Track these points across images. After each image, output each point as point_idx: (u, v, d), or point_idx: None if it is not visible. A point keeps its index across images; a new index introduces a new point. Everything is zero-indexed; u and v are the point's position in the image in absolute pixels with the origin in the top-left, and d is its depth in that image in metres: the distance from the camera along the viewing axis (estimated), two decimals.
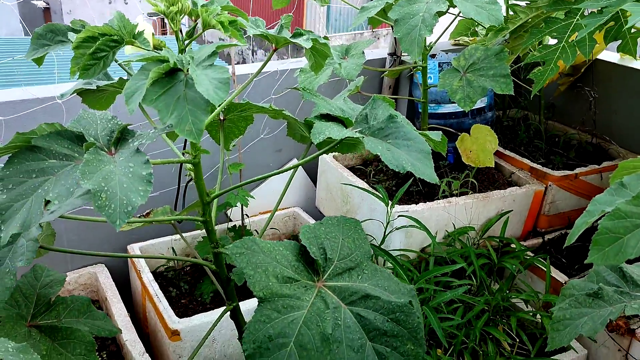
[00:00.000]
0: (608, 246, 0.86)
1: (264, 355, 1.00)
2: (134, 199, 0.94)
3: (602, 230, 0.87)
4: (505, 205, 2.29)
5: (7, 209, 0.94)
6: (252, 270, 1.05)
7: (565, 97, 2.81)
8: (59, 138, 1.01)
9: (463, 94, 1.95)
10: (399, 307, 1.10)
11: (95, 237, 2.25)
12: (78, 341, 1.18)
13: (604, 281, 1.14)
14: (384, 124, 1.30)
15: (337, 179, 2.38)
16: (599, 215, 0.94)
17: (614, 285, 1.11)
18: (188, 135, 1.00)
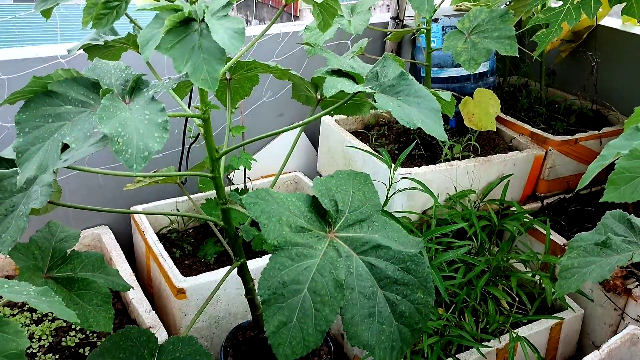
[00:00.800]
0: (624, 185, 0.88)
1: (279, 301, 1.02)
2: (150, 144, 0.94)
3: (619, 170, 0.89)
4: (506, 169, 2.31)
5: (24, 151, 0.94)
6: (266, 220, 1.07)
7: (567, 64, 2.81)
8: (75, 84, 1.01)
9: (467, 56, 1.96)
10: (409, 257, 1.12)
11: (99, 199, 2.26)
12: (94, 292, 1.20)
13: (612, 232, 1.16)
14: (395, 81, 1.30)
15: (339, 143, 2.39)
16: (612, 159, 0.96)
17: (622, 235, 1.14)
18: (203, 83, 1.00)
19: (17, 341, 0.85)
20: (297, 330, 1.02)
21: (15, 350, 0.85)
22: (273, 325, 1.01)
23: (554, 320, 1.94)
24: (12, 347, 0.86)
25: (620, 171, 0.90)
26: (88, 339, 1.78)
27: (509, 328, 1.87)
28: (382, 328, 1.07)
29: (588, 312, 2.05)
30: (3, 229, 1.05)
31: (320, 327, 1.02)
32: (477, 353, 1.78)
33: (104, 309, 1.19)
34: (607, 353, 1.68)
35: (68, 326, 1.83)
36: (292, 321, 1.02)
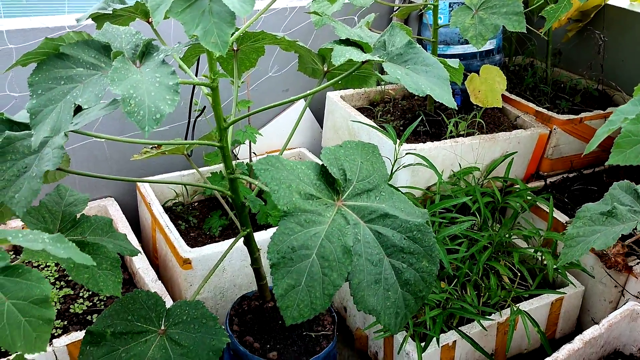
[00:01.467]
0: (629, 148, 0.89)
1: (288, 265, 1.04)
2: (162, 106, 0.95)
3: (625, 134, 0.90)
4: (510, 147, 2.32)
5: (38, 113, 0.95)
6: (276, 186, 1.08)
7: (573, 43, 2.80)
8: (86, 47, 1.02)
9: (475, 32, 1.95)
10: (416, 226, 1.14)
11: (105, 171, 2.27)
12: (104, 256, 1.21)
13: (618, 202, 1.17)
14: (403, 50, 1.31)
15: (344, 119, 2.40)
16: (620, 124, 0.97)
17: (628, 205, 1.15)
18: (214, 47, 1.01)
19: (40, 287, 0.88)
20: (305, 293, 1.04)
21: (40, 296, 0.88)
22: (282, 288, 1.03)
23: (555, 295, 1.96)
24: (37, 293, 0.88)
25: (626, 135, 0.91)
26: (95, 307, 1.81)
27: (510, 302, 1.89)
28: (388, 294, 1.09)
29: (588, 289, 2.07)
30: (16, 189, 1.06)
31: (327, 291, 1.04)
32: (479, 326, 1.80)
33: (113, 274, 1.21)
34: (607, 327, 1.71)
35: (76, 294, 1.85)
36: (301, 285, 1.04)
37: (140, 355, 1.22)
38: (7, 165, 1.08)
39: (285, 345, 1.61)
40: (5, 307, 0.91)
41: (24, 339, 0.91)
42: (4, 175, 1.07)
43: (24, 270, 0.91)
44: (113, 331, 1.22)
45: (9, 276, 0.90)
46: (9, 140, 1.10)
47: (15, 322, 0.91)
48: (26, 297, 0.90)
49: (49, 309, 0.92)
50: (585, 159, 2.53)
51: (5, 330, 0.92)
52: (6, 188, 1.06)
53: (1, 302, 0.91)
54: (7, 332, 0.92)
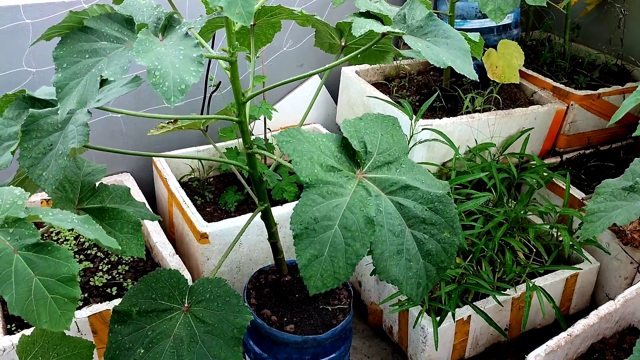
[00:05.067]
0: None
1: (311, 236, 1.05)
2: (186, 77, 0.96)
3: None
4: (527, 123, 2.30)
5: (64, 86, 0.96)
6: (298, 157, 1.08)
7: (592, 17, 2.75)
8: (109, 21, 1.02)
9: (494, 6, 1.92)
10: (437, 197, 1.14)
11: (121, 146, 2.28)
12: (125, 221, 1.23)
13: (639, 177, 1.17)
14: (423, 22, 1.30)
15: (359, 94, 2.39)
16: None
17: None
18: (238, 17, 1.01)
19: (68, 266, 0.89)
20: (328, 263, 1.05)
21: (67, 274, 0.89)
22: (305, 258, 1.04)
23: (570, 271, 1.97)
24: (65, 271, 0.89)
25: None
26: (114, 280, 1.84)
27: (526, 278, 1.90)
28: (410, 265, 1.10)
29: (604, 265, 2.07)
30: (44, 166, 1.07)
31: (350, 261, 1.05)
32: (494, 301, 1.82)
33: (135, 237, 1.23)
34: (622, 303, 1.71)
35: (95, 267, 1.88)
36: (324, 255, 1.05)
37: (166, 332, 1.24)
38: (33, 143, 1.09)
39: (302, 318, 1.63)
40: (33, 283, 0.93)
41: (49, 316, 0.93)
42: (30, 153, 1.08)
43: (53, 247, 0.92)
44: (139, 310, 1.25)
45: (39, 253, 0.92)
46: (33, 118, 1.11)
47: (42, 298, 0.93)
48: (54, 274, 0.92)
49: (74, 287, 0.93)
50: (602, 136, 2.51)
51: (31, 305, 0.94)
52: (34, 166, 1.08)
53: (29, 278, 0.93)
54: (34, 308, 0.94)
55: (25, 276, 0.93)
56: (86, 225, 0.91)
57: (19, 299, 0.93)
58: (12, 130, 1.21)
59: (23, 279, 0.93)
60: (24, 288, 0.93)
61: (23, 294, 0.93)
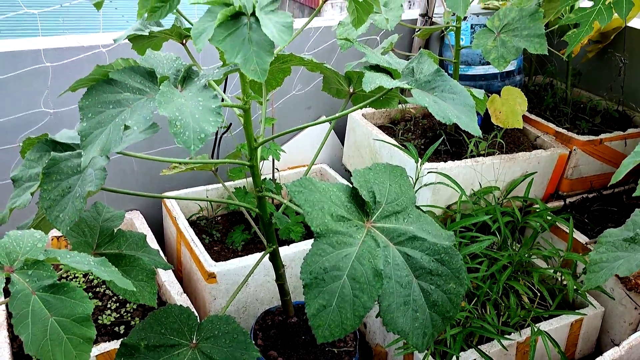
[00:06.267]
0: None
1: (320, 286, 1.07)
2: (206, 127, 1.00)
3: None
4: (530, 167, 2.34)
5: (88, 135, 1.01)
6: (309, 208, 1.12)
7: (593, 64, 2.82)
8: (133, 73, 1.07)
9: (497, 54, 1.99)
10: (444, 249, 1.17)
11: (130, 186, 2.33)
12: (140, 269, 1.26)
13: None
14: (431, 77, 1.35)
15: (365, 136, 2.44)
16: None
17: None
18: (253, 74, 1.06)
19: (83, 306, 0.92)
20: (336, 314, 1.07)
21: (82, 314, 0.92)
22: (314, 308, 1.07)
23: (574, 316, 1.98)
24: (80, 311, 0.92)
25: None
26: (122, 318, 1.85)
27: (530, 322, 1.91)
28: (416, 315, 1.12)
29: (608, 310, 2.08)
30: (61, 208, 1.11)
31: (358, 313, 1.07)
32: (499, 345, 1.82)
33: (149, 285, 1.26)
34: (627, 350, 1.71)
35: (104, 305, 1.90)
36: (332, 305, 1.07)
37: None
38: (53, 185, 1.13)
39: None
40: (49, 323, 0.95)
41: (64, 356, 0.96)
42: (49, 195, 1.12)
43: (69, 288, 0.95)
44: (147, 344, 1.26)
45: (56, 293, 0.95)
46: (54, 161, 1.15)
47: (58, 339, 0.96)
48: (69, 314, 0.95)
49: (89, 327, 0.96)
50: (605, 180, 2.55)
51: (47, 345, 0.96)
52: (51, 207, 1.11)
53: (46, 318, 0.95)
54: (49, 348, 0.96)
55: (42, 316, 0.96)
56: (102, 267, 0.94)
57: (34, 339, 0.96)
58: (33, 172, 1.25)
59: (40, 319, 0.96)
60: (40, 328, 0.96)
61: (39, 334, 0.96)
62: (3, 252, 0.96)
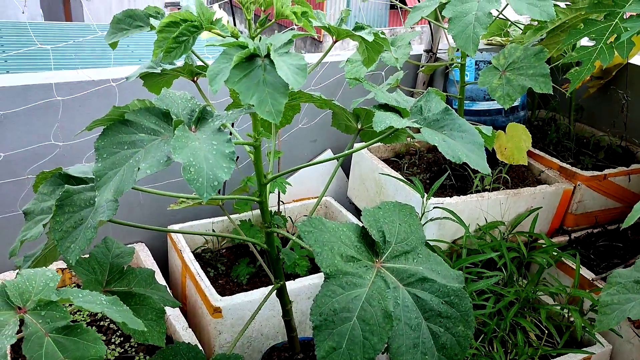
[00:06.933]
0: None
1: (330, 327, 1.07)
2: (219, 174, 1.01)
3: None
4: (535, 202, 2.35)
5: (102, 176, 1.02)
6: (319, 248, 1.12)
7: (594, 99, 2.86)
8: (148, 114, 1.08)
9: (503, 92, 2.01)
10: (453, 291, 1.17)
11: (136, 218, 2.33)
12: (149, 307, 1.26)
13: None
14: (440, 116, 1.36)
15: (371, 170, 2.45)
16: None
17: None
18: (268, 115, 1.07)
19: (96, 348, 0.92)
20: (346, 356, 1.07)
21: (94, 356, 0.92)
22: (323, 349, 1.06)
23: (582, 354, 1.96)
24: (92, 353, 0.92)
25: None
26: (127, 353, 1.84)
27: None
28: (425, 358, 1.12)
29: (616, 348, 2.06)
30: (72, 239, 1.11)
31: (368, 355, 1.07)
32: None
33: (157, 324, 1.25)
34: None
35: (107, 340, 1.88)
36: (342, 347, 1.07)
37: None
38: (65, 217, 1.14)
39: None
40: None
41: None
42: (62, 227, 1.13)
43: (82, 330, 0.95)
44: None
45: (68, 335, 0.95)
46: (67, 193, 1.16)
47: None
48: (82, 357, 0.94)
49: None
50: (610, 215, 2.55)
51: None
52: (64, 239, 1.12)
53: None
54: None
55: (55, 359, 0.95)
56: (114, 307, 0.94)
57: None
58: (46, 205, 1.26)
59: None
60: None
61: None
62: (17, 292, 0.96)
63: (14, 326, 0.93)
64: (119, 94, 2.02)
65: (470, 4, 1.64)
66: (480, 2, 1.63)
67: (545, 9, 1.59)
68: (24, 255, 1.40)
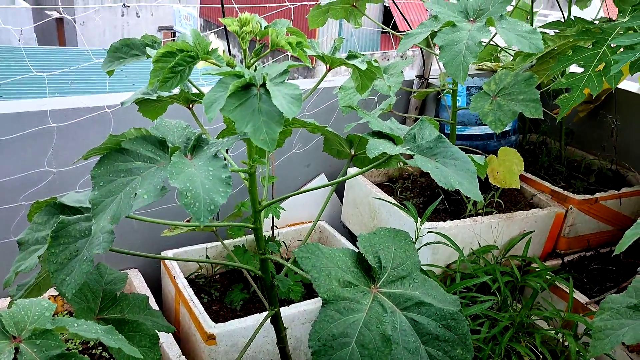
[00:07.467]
0: None
1: (329, 353, 1.07)
2: (216, 198, 1.02)
3: None
4: (528, 225, 2.36)
5: (99, 203, 1.02)
6: (317, 274, 1.13)
7: (584, 123, 2.90)
8: (144, 142, 1.09)
9: (494, 117, 2.04)
10: (450, 314, 1.17)
11: (129, 243, 2.32)
12: (143, 334, 1.25)
13: None
14: (433, 144, 1.38)
15: (364, 194, 2.46)
16: None
17: None
18: (263, 144, 1.08)
19: None
20: None
21: None
22: None
23: None
24: None
25: None
26: None
27: None
28: None
29: None
30: (68, 271, 1.11)
31: None
32: None
33: (152, 351, 1.24)
34: None
35: None
36: None
37: None
38: (60, 248, 1.14)
39: None
40: None
41: None
42: (57, 259, 1.12)
43: (76, 358, 0.95)
44: None
45: None
46: (62, 224, 1.16)
47: None
48: None
49: None
50: (602, 238, 2.57)
51: None
52: (58, 271, 1.11)
53: None
54: None
55: None
56: (109, 335, 0.93)
57: None
58: (40, 235, 1.26)
59: None
60: None
61: None
62: (12, 321, 0.95)
63: (8, 355, 0.92)
64: (113, 120, 2.03)
65: (461, 33, 1.67)
66: (470, 31, 1.67)
67: (534, 42, 1.62)
68: (17, 284, 1.39)
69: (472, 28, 1.69)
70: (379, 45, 14.54)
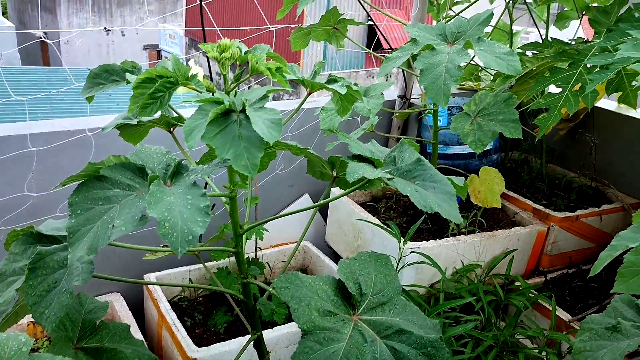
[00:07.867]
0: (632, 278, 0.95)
1: None
2: (194, 228, 1.01)
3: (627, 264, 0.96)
4: (510, 244, 2.38)
5: (76, 232, 1.01)
6: (296, 304, 1.12)
7: (564, 141, 2.94)
8: (123, 169, 1.09)
9: (474, 137, 2.06)
10: (430, 342, 1.17)
11: (112, 266, 2.30)
12: None
13: (621, 316, 1.22)
14: (412, 166, 1.39)
15: (348, 214, 2.46)
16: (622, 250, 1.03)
17: (631, 320, 1.19)
18: (244, 169, 1.08)
19: None
20: None
21: None
22: None
23: None
24: None
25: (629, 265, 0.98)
26: None
27: None
28: None
29: None
30: (46, 304, 1.09)
31: None
32: None
33: None
34: None
35: None
36: None
37: None
38: (38, 280, 1.12)
39: None
40: None
41: None
42: (34, 291, 1.11)
43: None
44: None
45: None
46: (40, 255, 1.14)
47: None
48: None
49: None
50: (584, 255, 2.59)
51: None
52: (37, 304, 1.10)
53: None
54: None
55: None
56: None
57: None
58: (17, 265, 1.24)
59: None
60: None
61: None
62: None
63: None
64: (95, 144, 2.02)
65: (440, 56, 1.69)
66: (450, 54, 1.69)
67: (512, 64, 1.65)
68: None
69: (450, 51, 1.71)
70: (364, 63, 14.67)
